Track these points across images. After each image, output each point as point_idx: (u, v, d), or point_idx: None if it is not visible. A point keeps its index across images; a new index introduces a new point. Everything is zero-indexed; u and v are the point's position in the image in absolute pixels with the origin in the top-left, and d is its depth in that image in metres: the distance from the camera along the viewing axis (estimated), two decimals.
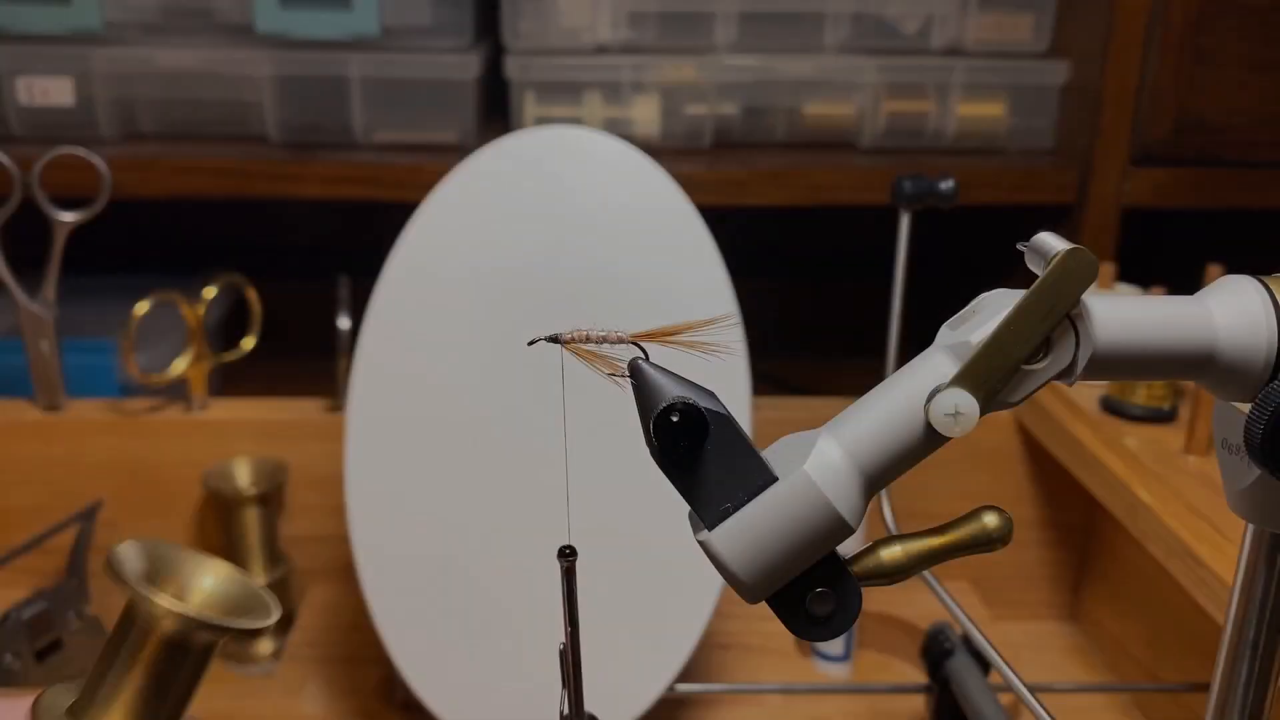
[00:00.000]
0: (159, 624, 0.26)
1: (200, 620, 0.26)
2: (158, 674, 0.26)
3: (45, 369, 0.75)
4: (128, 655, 0.26)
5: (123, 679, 0.26)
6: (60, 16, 0.89)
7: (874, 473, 0.26)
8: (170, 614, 0.25)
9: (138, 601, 0.26)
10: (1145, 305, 0.28)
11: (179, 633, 0.26)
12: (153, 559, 0.27)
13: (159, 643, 0.26)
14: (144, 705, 0.26)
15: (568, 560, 0.29)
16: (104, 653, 0.26)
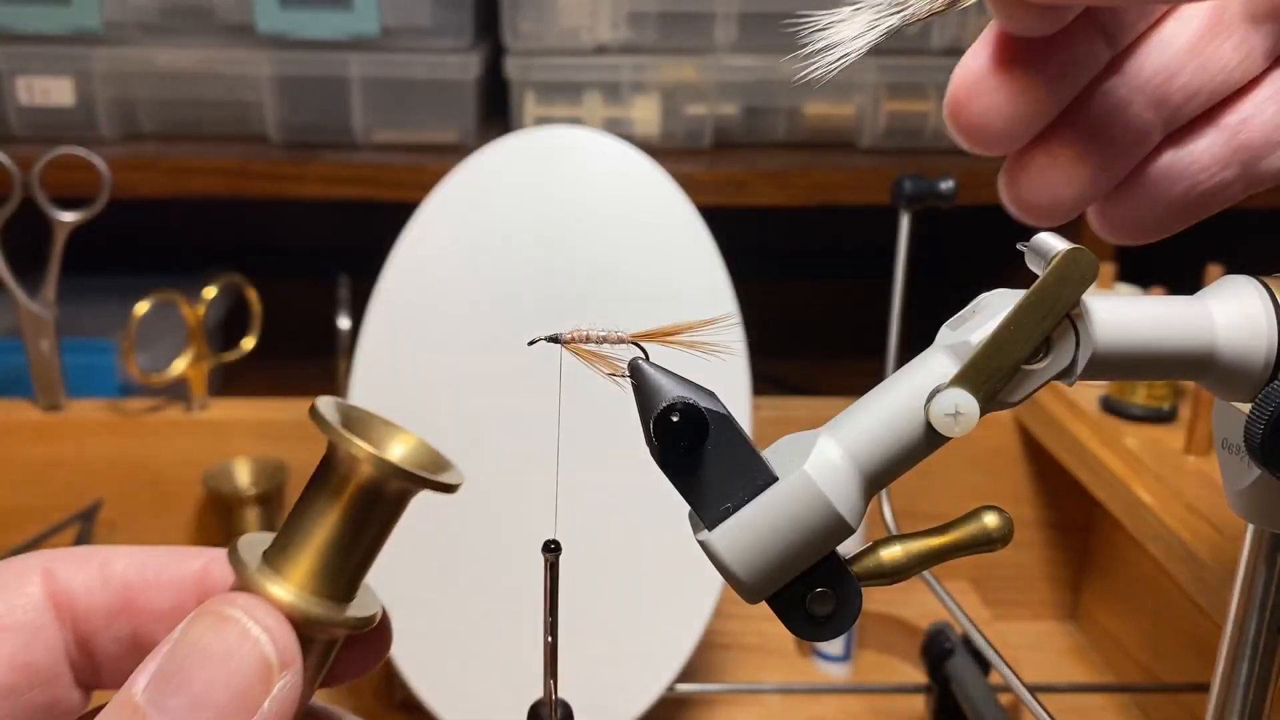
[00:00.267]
0: (358, 469, 0.26)
1: (397, 468, 0.26)
2: (352, 520, 0.26)
3: (45, 369, 0.75)
4: (324, 501, 0.26)
5: (317, 524, 0.26)
6: (60, 16, 0.89)
7: (874, 473, 0.26)
8: (370, 458, 0.25)
9: (338, 446, 0.26)
10: (1145, 305, 0.28)
11: (376, 479, 0.26)
12: (348, 417, 0.27)
13: (356, 489, 0.26)
14: (336, 551, 0.26)
15: (552, 555, 0.29)
16: (300, 499, 0.27)
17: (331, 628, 0.26)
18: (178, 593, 0.29)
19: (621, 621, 0.60)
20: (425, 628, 0.60)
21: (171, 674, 0.24)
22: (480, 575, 0.60)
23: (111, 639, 0.28)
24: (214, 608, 0.25)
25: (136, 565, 0.28)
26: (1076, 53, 0.28)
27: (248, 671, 0.24)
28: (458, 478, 0.27)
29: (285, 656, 0.25)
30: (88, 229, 0.74)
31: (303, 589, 0.26)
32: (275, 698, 0.24)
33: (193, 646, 0.24)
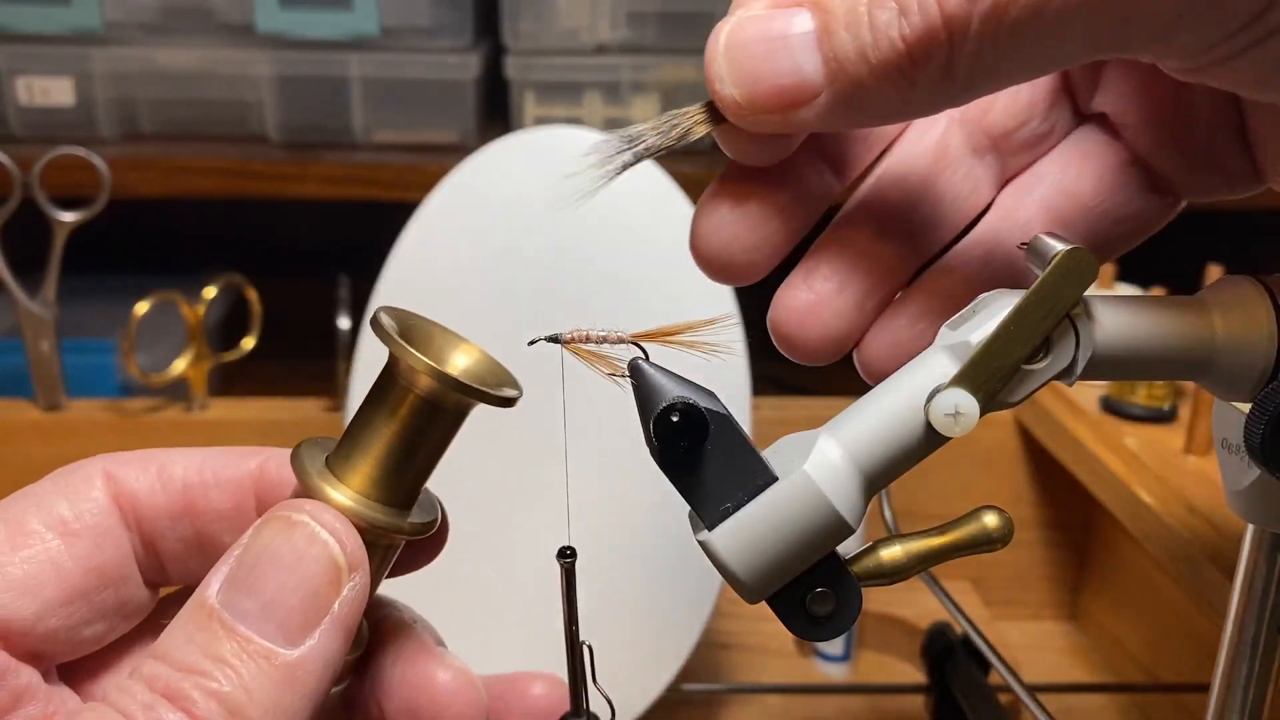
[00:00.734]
0: (416, 380, 0.26)
1: (456, 380, 0.26)
2: (411, 431, 0.27)
3: (45, 369, 0.75)
4: (384, 411, 0.27)
5: (378, 433, 0.27)
6: (60, 16, 0.89)
7: (874, 473, 0.26)
8: (429, 370, 0.26)
9: (400, 358, 0.26)
10: (1145, 305, 0.28)
11: (434, 391, 0.26)
12: (408, 327, 0.28)
13: (414, 400, 0.27)
14: (395, 460, 0.27)
15: (567, 561, 0.29)
16: (361, 408, 0.27)
17: (392, 533, 0.27)
18: (236, 492, 0.29)
19: (621, 621, 0.60)
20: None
21: (243, 578, 0.24)
22: (479, 574, 0.60)
23: (176, 539, 0.29)
24: (282, 513, 0.25)
25: (195, 467, 0.29)
26: (807, 184, 0.29)
27: (318, 575, 0.25)
28: (515, 392, 0.28)
29: (353, 559, 0.25)
30: (88, 229, 0.74)
31: (364, 495, 0.26)
32: (345, 599, 0.25)
33: (263, 550, 0.25)
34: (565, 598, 0.30)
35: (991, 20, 0.22)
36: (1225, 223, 1.07)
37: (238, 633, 0.24)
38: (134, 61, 0.90)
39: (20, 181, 0.73)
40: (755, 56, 0.25)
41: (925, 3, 0.22)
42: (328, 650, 0.24)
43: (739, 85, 0.25)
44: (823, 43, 0.24)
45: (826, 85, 0.24)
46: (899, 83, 0.23)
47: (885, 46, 0.23)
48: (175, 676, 0.23)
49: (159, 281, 0.75)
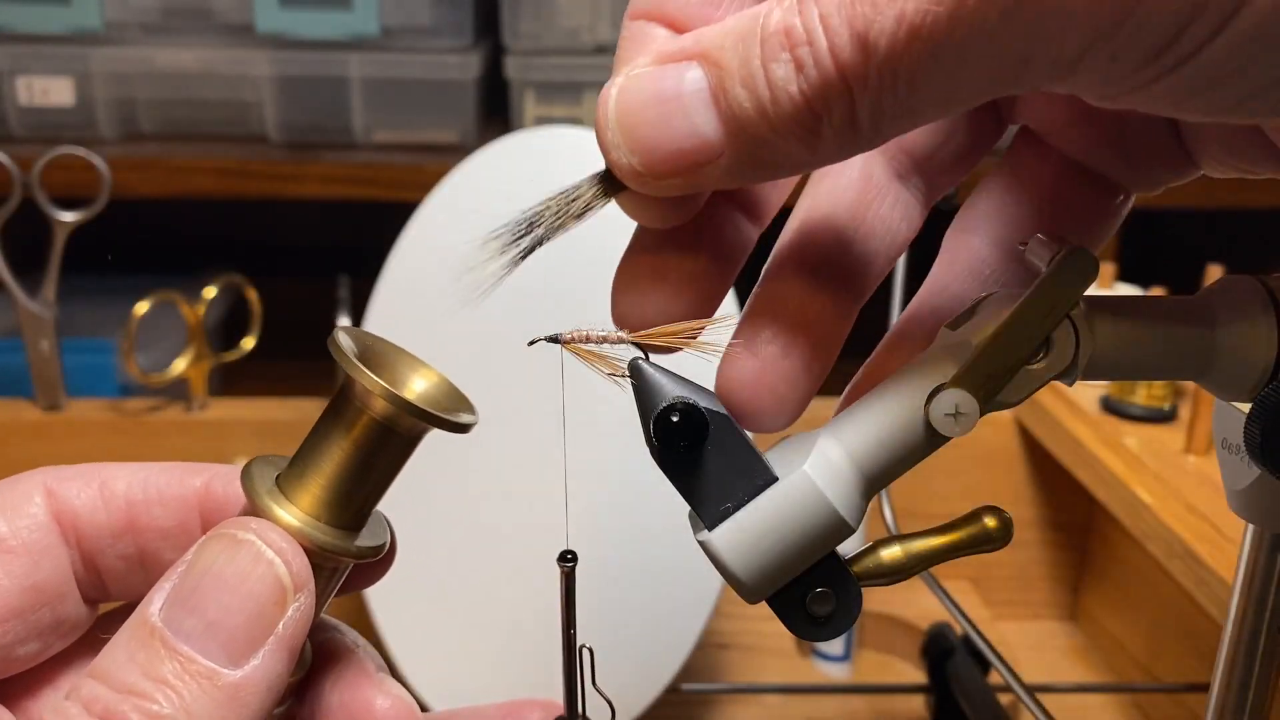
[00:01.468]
0: (371, 403, 0.26)
1: (410, 405, 0.26)
2: (364, 453, 0.26)
3: (45, 369, 0.75)
4: (337, 432, 0.27)
5: (330, 454, 0.27)
6: (60, 16, 0.89)
7: (874, 473, 0.26)
8: (384, 393, 0.26)
9: (355, 380, 0.26)
10: (1145, 305, 0.28)
11: (388, 414, 0.26)
12: (367, 349, 0.28)
13: (368, 423, 0.26)
14: (347, 482, 0.27)
15: (568, 565, 0.29)
16: (315, 429, 0.27)
17: (340, 556, 0.26)
18: (181, 510, 0.28)
19: (621, 621, 0.60)
20: (426, 629, 0.60)
21: (186, 597, 0.24)
22: (480, 575, 0.60)
23: (117, 556, 0.28)
24: (227, 530, 0.25)
25: (138, 483, 0.28)
26: (724, 237, 0.28)
27: (262, 594, 0.24)
28: (472, 418, 0.27)
29: (299, 579, 0.25)
30: (88, 229, 0.74)
31: (314, 516, 0.26)
32: (289, 619, 0.25)
33: (206, 570, 0.24)
34: (564, 602, 0.30)
35: (889, 68, 0.21)
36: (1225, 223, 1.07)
37: (180, 652, 0.23)
38: (134, 61, 0.90)
39: (20, 181, 0.73)
40: (649, 121, 0.23)
41: (820, 56, 0.21)
42: (271, 671, 0.24)
43: (636, 153, 0.23)
44: (718, 100, 0.23)
45: (728, 144, 0.23)
46: (803, 136, 0.22)
47: (784, 102, 0.22)
48: (114, 698, 0.23)
49: (159, 281, 0.75)
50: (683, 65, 0.23)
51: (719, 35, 0.23)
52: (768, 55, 0.22)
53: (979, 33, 0.20)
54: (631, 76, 0.24)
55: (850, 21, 0.21)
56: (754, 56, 0.22)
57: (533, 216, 0.26)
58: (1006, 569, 0.81)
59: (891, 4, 0.20)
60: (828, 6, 0.21)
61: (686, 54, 0.23)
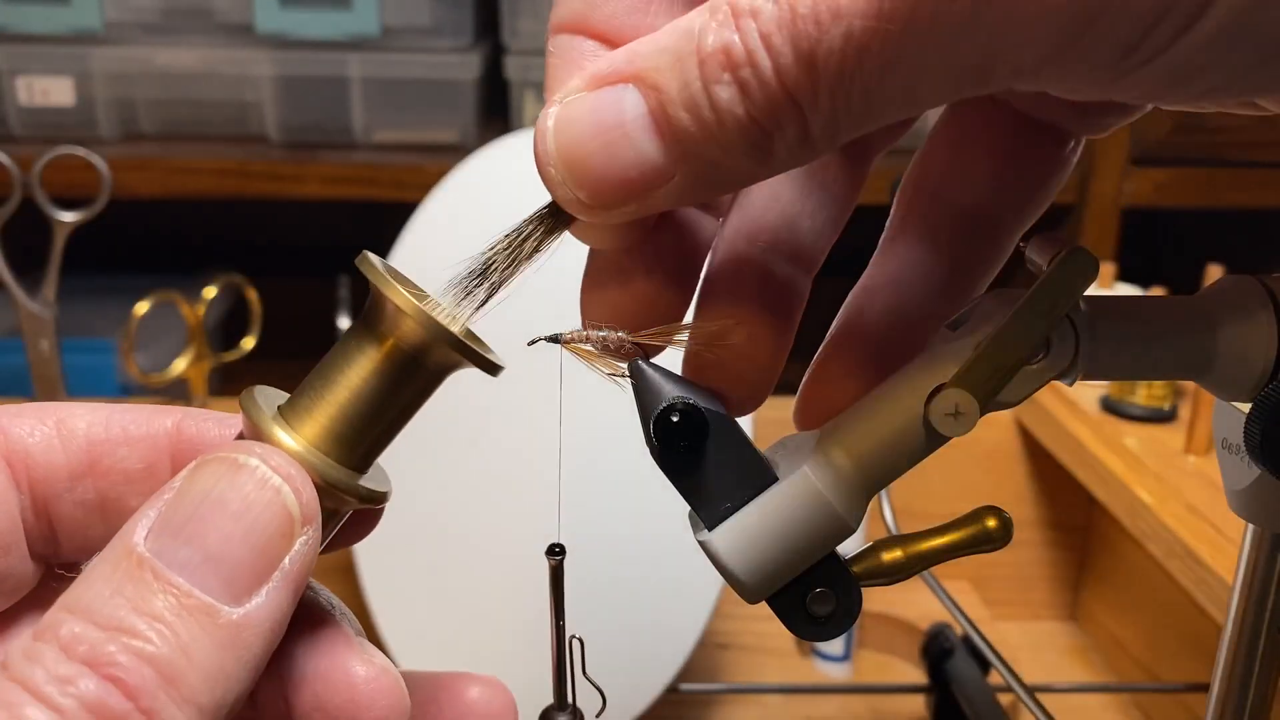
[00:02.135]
0: (403, 326, 0.23)
1: (448, 333, 0.23)
2: (383, 384, 0.24)
3: (45, 369, 0.75)
4: (357, 358, 0.24)
5: (344, 382, 0.24)
6: (60, 16, 0.89)
7: (874, 473, 0.26)
8: (420, 316, 0.23)
9: (386, 299, 0.23)
10: (1145, 305, 0.28)
11: (421, 342, 0.23)
12: (395, 277, 0.24)
13: (395, 349, 0.24)
14: (360, 415, 0.24)
15: (556, 558, 0.29)
16: (328, 357, 0.24)
17: (344, 495, 0.24)
18: (149, 451, 0.25)
19: (621, 621, 0.60)
20: (425, 628, 0.60)
21: (181, 524, 0.21)
22: (480, 574, 0.60)
23: (74, 503, 0.25)
24: (226, 454, 0.22)
25: (101, 422, 0.25)
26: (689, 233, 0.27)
27: (269, 524, 0.22)
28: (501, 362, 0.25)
29: (308, 510, 0.22)
30: (88, 229, 0.74)
31: (319, 449, 0.23)
32: (296, 554, 0.22)
33: (204, 495, 0.21)
34: (553, 594, 0.29)
35: (840, 87, 0.20)
36: (1225, 223, 1.07)
37: (175, 585, 0.20)
38: (134, 61, 0.90)
39: (20, 181, 0.73)
40: (592, 153, 0.22)
41: (764, 78, 0.20)
42: (276, 611, 0.21)
43: (582, 187, 0.22)
44: (661, 126, 0.21)
45: (678, 167, 0.22)
46: (755, 155, 0.21)
47: (731, 124, 0.21)
48: (99, 637, 0.20)
49: (159, 281, 0.75)
50: (619, 89, 0.22)
51: (653, 54, 0.21)
52: (708, 77, 0.21)
53: (933, 48, 0.20)
54: (567, 105, 0.22)
55: (794, 41, 0.20)
56: (693, 79, 0.21)
57: (484, 264, 0.25)
58: (1006, 569, 0.81)
59: (836, 21, 0.19)
60: (767, 24, 0.20)
61: (621, 75, 0.22)
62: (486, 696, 0.27)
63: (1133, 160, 0.96)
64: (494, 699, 0.27)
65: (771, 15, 0.20)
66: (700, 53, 0.21)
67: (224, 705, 0.20)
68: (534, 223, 0.25)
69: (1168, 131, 0.96)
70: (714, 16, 0.21)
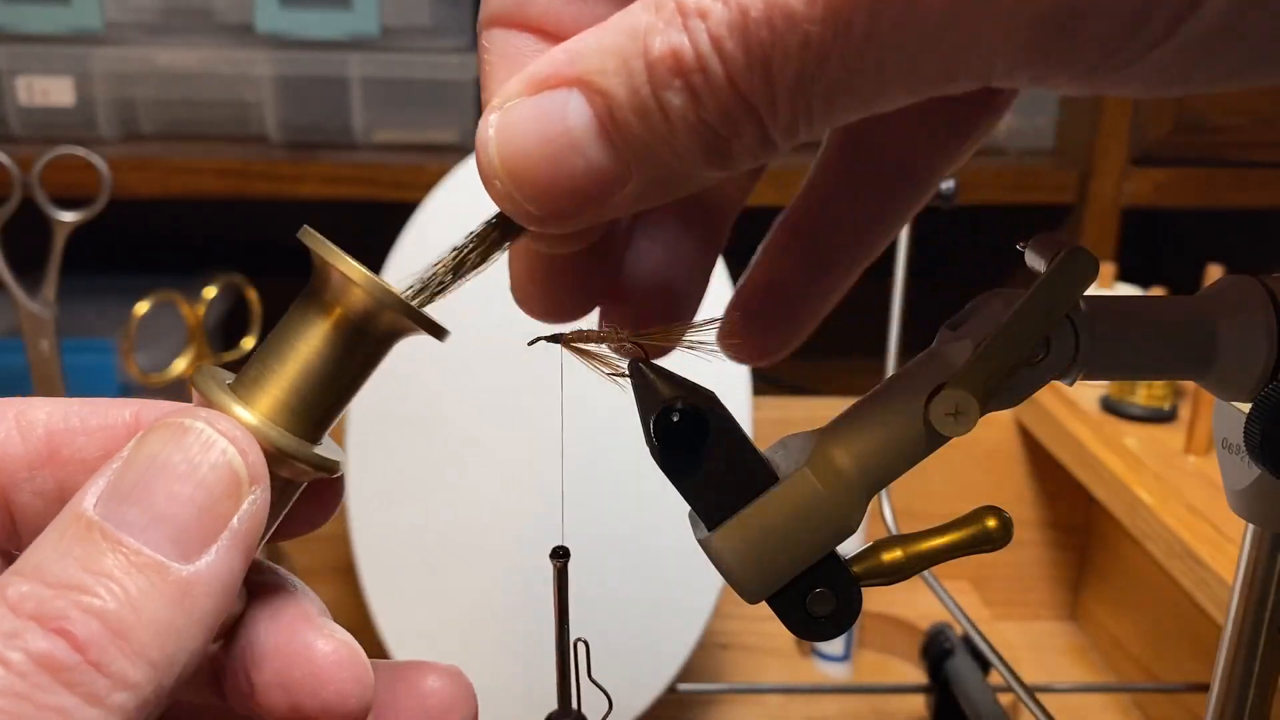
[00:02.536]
0: (350, 293, 0.23)
1: (395, 298, 0.23)
2: (332, 352, 0.24)
3: (45, 369, 0.75)
4: (305, 328, 0.24)
5: (293, 353, 0.24)
6: (60, 16, 0.89)
7: (874, 473, 0.26)
8: (367, 282, 0.23)
9: (332, 267, 0.23)
10: (1145, 305, 0.28)
11: (367, 308, 0.23)
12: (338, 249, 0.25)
13: (343, 317, 0.24)
14: (308, 385, 0.24)
15: (560, 561, 0.29)
16: (275, 330, 0.24)
17: (295, 462, 0.24)
18: (108, 440, 0.26)
19: (621, 621, 0.60)
20: (426, 628, 0.60)
21: (128, 488, 0.21)
22: (480, 574, 0.60)
23: (33, 493, 0.25)
24: (172, 419, 0.22)
25: (60, 414, 0.26)
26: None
27: (214, 484, 0.22)
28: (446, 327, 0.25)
29: (254, 471, 0.22)
30: (88, 229, 0.74)
31: (269, 419, 0.24)
32: (244, 514, 0.22)
33: (151, 459, 0.22)
34: (557, 597, 0.29)
35: (800, 93, 0.19)
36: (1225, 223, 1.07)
37: (124, 544, 0.21)
38: (134, 61, 0.90)
39: (20, 181, 0.73)
40: (538, 164, 0.21)
41: (717, 85, 0.19)
42: (224, 569, 0.21)
43: (531, 199, 0.21)
44: (610, 134, 0.21)
45: (632, 173, 0.21)
46: (712, 158, 0.21)
47: (685, 131, 0.20)
48: (48, 595, 0.20)
49: (159, 281, 0.75)
50: (562, 94, 0.21)
51: (597, 55, 0.20)
52: (657, 83, 0.20)
53: (897, 57, 0.19)
54: (508, 113, 0.21)
55: (747, 46, 0.19)
56: (642, 84, 0.20)
57: (428, 280, 0.24)
58: (1006, 569, 0.81)
59: (792, 27, 0.18)
60: (717, 26, 0.19)
61: (563, 78, 0.21)
62: (444, 685, 0.26)
63: (1133, 160, 0.96)
64: (453, 687, 0.26)
65: (722, 17, 0.19)
66: (647, 55, 0.20)
67: (175, 662, 0.20)
68: (481, 235, 0.24)
69: (1168, 131, 0.96)
70: (659, 14, 0.20)
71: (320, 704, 0.23)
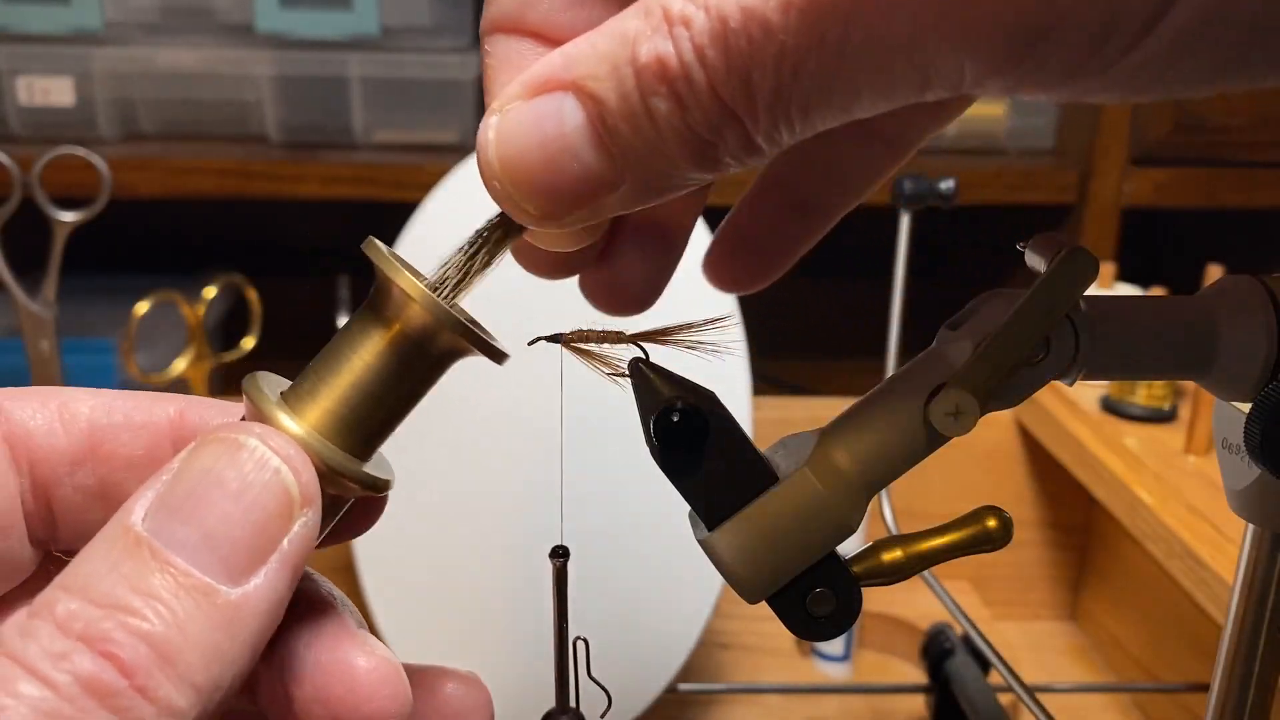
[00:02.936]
0: (409, 310, 0.23)
1: (454, 319, 0.23)
2: (386, 369, 0.24)
3: (45, 369, 0.75)
4: (362, 343, 0.24)
5: (348, 367, 0.24)
6: (60, 16, 0.89)
7: (874, 473, 0.26)
8: (426, 301, 0.23)
9: (393, 283, 0.23)
10: (1145, 305, 0.28)
11: (426, 327, 0.23)
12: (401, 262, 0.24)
13: (398, 335, 0.24)
14: (362, 401, 0.24)
15: (560, 560, 0.29)
16: (331, 344, 0.24)
17: (346, 480, 0.24)
18: (151, 437, 0.25)
19: (621, 621, 0.60)
20: (426, 628, 0.60)
21: (179, 504, 0.21)
22: (481, 575, 0.60)
23: (74, 488, 0.25)
24: (225, 434, 0.22)
25: (103, 407, 0.25)
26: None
27: (268, 505, 0.21)
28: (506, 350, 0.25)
29: (307, 492, 0.22)
30: (88, 229, 0.74)
31: (321, 433, 0.23)
32: (295, 536, 0.22)
33: (203, 474, 0.21)
34: (556, 596, 0.29)
35: (780, 104, 0.20)
36: (1225, 223, 1.07)
37: (172, 564, 0.20)
38: (134, 61, 0.90)
39: (20, 181, 0.73)
40: (536, 166, 0.21)
41: (700, 93, 0.20)
42: (273, 592, 0.21)
43: (530, 199, 0.22)
44: (602, 139, 0.21)
45: (624, 177, 0.21)
46: (700, 161, 0.21)
47: (671, 136, 0.20)
48: (95, 614, 0.19)
49: (159, 281, 0.75)
50: (558, 98, 0.21)
51: (590, 60, 0.21)
52: (645, 89, 0.20)
53: (871, 68, 0.19)
54: (507, 117, 0.22)
55: (727, 56, 0.19)
56: (630, 90, 0.20)
57: (439, 281, 0.24)
58: (1006, 569, 0.81)
59: (769, 38, 0.19)
60: (700, 35, 0.19)
61: (559, 82, 0.21)
62: (462, 692, 0.26)
63: (1133, 160, 0.96)
64: (470, 694, 0.26)
65: (703, 27, 0.19)
66: (635, 62, 0.20)
67: (220, 685, 0.20)
68: (486, 234, 0.25)
69: (1168, 131, 0.96)
70: (648, 21, 0.20)
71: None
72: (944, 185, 0.60)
